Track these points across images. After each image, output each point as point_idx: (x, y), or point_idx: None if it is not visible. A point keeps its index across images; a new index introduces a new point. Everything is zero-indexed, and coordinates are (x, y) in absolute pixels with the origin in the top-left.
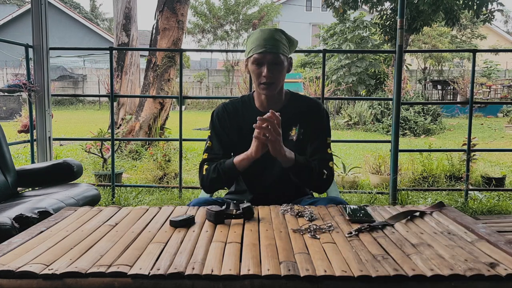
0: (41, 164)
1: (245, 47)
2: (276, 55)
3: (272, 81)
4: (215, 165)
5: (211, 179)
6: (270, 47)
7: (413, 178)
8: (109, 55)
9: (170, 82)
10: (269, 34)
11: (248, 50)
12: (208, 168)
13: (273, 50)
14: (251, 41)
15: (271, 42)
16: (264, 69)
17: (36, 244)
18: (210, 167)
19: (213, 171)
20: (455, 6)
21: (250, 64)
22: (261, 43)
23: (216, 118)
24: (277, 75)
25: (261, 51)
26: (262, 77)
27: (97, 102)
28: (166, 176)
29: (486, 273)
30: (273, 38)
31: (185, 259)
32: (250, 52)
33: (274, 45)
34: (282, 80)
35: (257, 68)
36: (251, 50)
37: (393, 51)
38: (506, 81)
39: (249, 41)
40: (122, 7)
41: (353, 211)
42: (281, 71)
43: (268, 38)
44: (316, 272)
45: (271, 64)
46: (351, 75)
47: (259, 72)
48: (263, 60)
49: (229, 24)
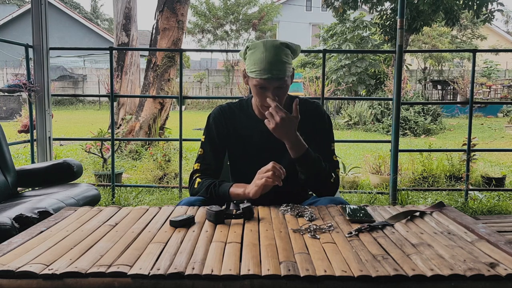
0: (41, 164)
1: (245, 60)
2: (282, 80)
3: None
4: (208, 184)
5: (203, 195)
6: (277, 72)
7: (413, 178)
8: (109, 55)
9: (170, 82)
10: (275, 55)
11: (250, 69)
12: (200, 184)
13: (279, 76)
14: (254, 60)
15: (277, 67)
16: (269, 94)
17: (36, 244)
18: (202, 184)
19: (206, 191)
20: (455, 6)
21: (252, 85)
22: (266, 67)
23: (213, 122)
24: (282, 97)
25: (266, 77)
26: (266, 102)
27: (97, 102)
28: (166, 176)
29: (486, 273)
30: (279, 61)
31: (185, 259)
32: (253, 73)
33: (280, 70)
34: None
35: (261, 92)
36: (254, 71)
37: (393, 51)
38: (506, 81)
39: (251, 58)
40: (122, 7)
41: (353, 211)
42: (286, 92)
43: (273, 62)
44: (316, 272)
45: (277, 89)
46: (351, 75)
47: (263, 96)
48: (267, 86)
49: (229, 24)
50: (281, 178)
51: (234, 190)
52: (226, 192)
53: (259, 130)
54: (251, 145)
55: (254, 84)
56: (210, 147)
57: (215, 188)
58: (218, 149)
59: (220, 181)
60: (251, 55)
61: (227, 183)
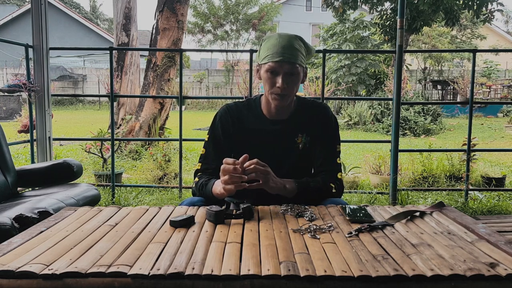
0: (41, 164)
1: (259, 51)
2: (294, 65)
3: (286, 93)
4: (201, 183)
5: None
6: (288, 56)
7: (413, 178)
8: (109, 55)
9: (170, 82)
10: (288, 41)
11: (263, 56)
12: (196, 184)
13: (291, 60)
14: (267, 47)
15: (290, 51)
16: (279, 79)
17: (36, 244)
18: (198, 183)
19: (199, 190)
20: (455, 6)
21: (264, 72)
22: (278, 50)
23: (219, 121)
24: (292, 87)
25: (278, 59)
26: (276, 87)
27: (97, 102)
28: (166, 176)
29: (486, 273)
30: (292, 47)
31: (185, 259)
32: (265, 59)
33: (292, 54)
34: (296, 91)
35: (271, 77)
36: (266, 56)
37: (393, 51)
38: (506, 81)
39: (265, 46)
40: (122, 7)
41: (353, 211)
42: (296, 83)
43: (286, 46)
44: (316, 272)
45: (287, 74)
46: (351, 75)
47: (273, 82)
48: (279, 70)
49: (229, 24)
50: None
51: (214, 190)
52: (209, 192)
53: (266, 129)
54: (258, 144)
55: (266, 69)
56: (213, 146)
57: (202, 189)
58: (221, 149)
59: (206, 179)
60: (265, 44)
61: (213, 180)
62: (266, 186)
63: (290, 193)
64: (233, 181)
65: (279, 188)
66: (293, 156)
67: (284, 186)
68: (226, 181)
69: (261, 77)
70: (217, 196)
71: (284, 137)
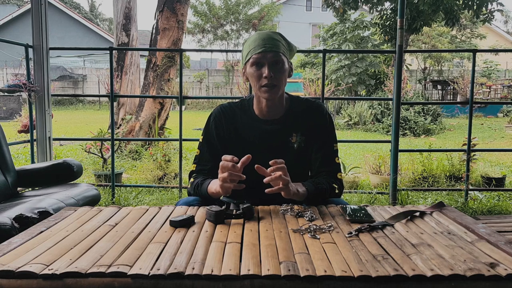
0: (41, 164)
1: (242, 54)
2: (277, 53)
3: (274, 83)
4: (196, 183)
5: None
6: (270, 45)
7: (413, 178)
8: (109, 55)
9: (170, 82)
10: (267, 34)
11: (246, 53)
12: (192, 184)
13: (273, 49)
14: (248, 44)
15: (271, 42)
16: (265, 69)
17: (36, 244)
18: (193, 184)
19: (194, 191)
20: (455, 6)
21: (249, 68)
22: (259, 43)
23: (213, 122)
24: (279, 76)
25: (260, 50)
26: (263, 78)
27: (97, 102)
28: (166, 176)
29: (486, 273)
30: (272, 38)
31: (185, 259)
32: (248, 55)
33: (274, 44)
34: (284, 82)
35: (256, 70)
36: (249, 52)
37: (393, 51)
38: (506, 81)
39: (246, 45)
40: (122, 7)
41: (353, 211)
42: (283, 72)
43: (267, 38)
44: (316, 272)
45: (272, 63)
46: (351, 75)
47: (259, 74)
48: (263, 60)
49: (229, 24)
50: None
51: (210, 189)
52: (205, 191)
53: (259, 130)
54: (252, 145)
55: (251, 63)
56: (207, 147)
57: (198, 188)
58: (215, 150)
59: (202, 179)
60: (246, 43)
61: (208, 180)
62: (287, 192)
63: (301, 197)
64: (232, 179)
65: (294, 193)
66: (288, 156)
67: (297, 190)
68: (224, 179)
69: (248, 77)
70: (212, 195)
71: (278, 137)
